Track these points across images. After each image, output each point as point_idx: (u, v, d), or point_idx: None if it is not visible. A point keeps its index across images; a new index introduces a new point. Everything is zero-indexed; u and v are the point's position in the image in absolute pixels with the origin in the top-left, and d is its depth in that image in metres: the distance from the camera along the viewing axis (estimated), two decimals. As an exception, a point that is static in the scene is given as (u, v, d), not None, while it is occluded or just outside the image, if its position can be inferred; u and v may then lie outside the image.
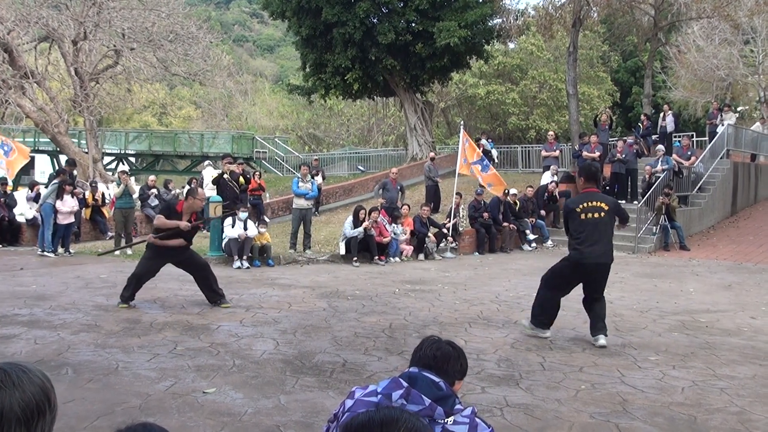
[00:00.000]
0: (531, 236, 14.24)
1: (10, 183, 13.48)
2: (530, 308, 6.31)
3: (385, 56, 20.49)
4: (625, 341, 6.12)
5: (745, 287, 9.73)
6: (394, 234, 12.01)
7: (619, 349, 5.81)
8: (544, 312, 6.08)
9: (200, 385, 4.40)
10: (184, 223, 6.82)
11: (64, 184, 11.07)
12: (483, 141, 17.77)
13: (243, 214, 10.69)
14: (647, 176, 15.08)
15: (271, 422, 3.80)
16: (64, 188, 11.01)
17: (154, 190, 15.15)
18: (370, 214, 11.58)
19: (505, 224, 13.87)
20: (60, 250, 11.27)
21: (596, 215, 5.80)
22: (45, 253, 10.90)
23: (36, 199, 12.76)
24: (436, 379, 2.01)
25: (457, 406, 1.96)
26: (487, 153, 17.47)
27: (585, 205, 5.86)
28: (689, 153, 15.99)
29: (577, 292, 6.23)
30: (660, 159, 15.14)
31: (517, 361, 5.34)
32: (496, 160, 17.94)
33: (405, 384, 1.93)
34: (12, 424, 1.20)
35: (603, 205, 5.88)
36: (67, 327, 5.93)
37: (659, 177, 14.58)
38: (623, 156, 15.48)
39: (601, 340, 5.86)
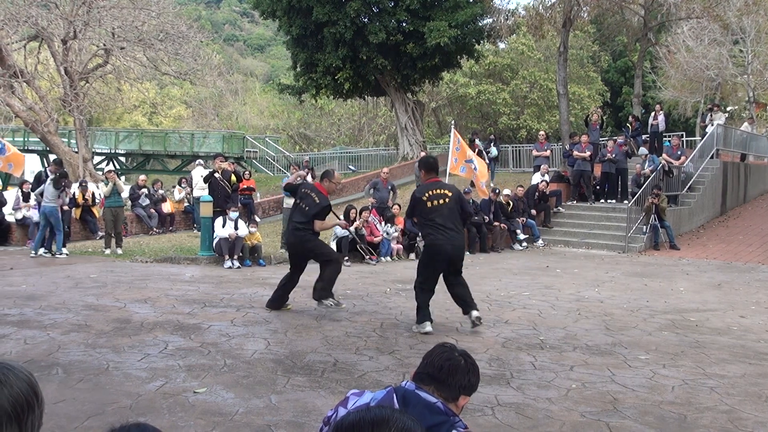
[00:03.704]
0: (522, 236, 14.31)
1: None
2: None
3: (376, 56, 20.52)
4: (616, 340, 6.15)
5: (734, 286, 9.82)
6: (386, 234, 12.03)
7: (610, 348, 5.84)
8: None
9: (191, 385, 4.39)
10: (343, 222, 7.15)
11: (63, 182, 11.01)
12: (477, 141, 17.80)
13: (233, 214, 10.66)
14: (637, 176, 15.19)
15: (262, 422, 3.80)
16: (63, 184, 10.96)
17: (145, 190, 15.15)
18: (360, 213, 11.58)
19: (496, 224, 13.92)
20: (41, 250, 11.06)
21: (441, 201, 6.15)
22: (43, 253, 10.80)
23: (26, 198, 12.72)
24: (432, 400, 1.92)
25: None
26: (480, 153, 17.51)
27: (430, 193, 6.20)
28: (679, 153, 16.11)
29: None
30: (646, 161, 15.28)
31: (508, 360, 5.36)
32: (487, 160, 17.92)
33: (397, 406, 1.86)
34: (3, 421, 1.21)
35: (447, 192, 6.25)
36: (58, 327, 5.89)
37: (649, 177, 14.71)
38: (613, 156, 15.60)
39: (475, 313, 6.20)
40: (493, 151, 18.32)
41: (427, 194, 6.17)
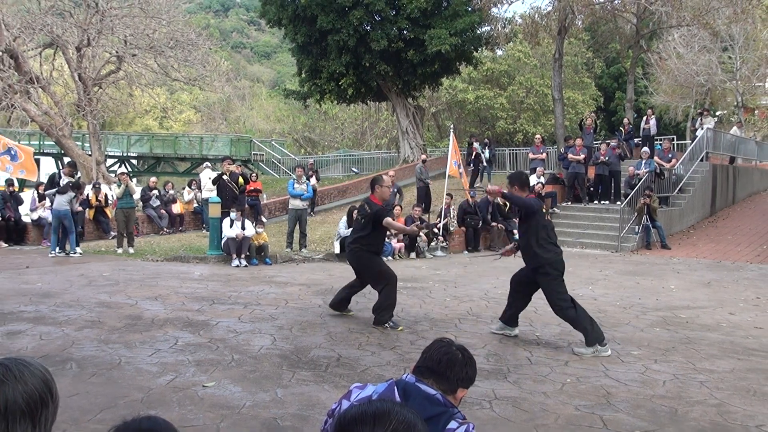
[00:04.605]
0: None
1: (16, 184, 13.61)
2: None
3: (378, 62, 20.76)
4: (609, 336, 6.20)
5: (723, 284, 9.96)
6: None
7: (603, 344, 5.98)
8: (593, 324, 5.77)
9: (200, 379, 4.47)
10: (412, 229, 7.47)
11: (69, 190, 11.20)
12: (475, 144, 18.01)
13: (234, 214, 10.81)
14: (630, 177, 15.40)
15: (268, 414, 3.88)
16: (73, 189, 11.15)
17: (155, 191, 15.35)
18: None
19: (494, 224, 14.12)
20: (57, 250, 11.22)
21: (548, 217, 6.28)
22: (59, 254, 10.97)
23: (42, 199, 12.85)
24: (432, 392, 1.96)
25: (450, 425, 1.88)
26: (478, 156, 17.73)
27: (543, 207, 6.28)
28: (670, 155, 16.32)
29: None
30: (645, 161, 15.49)
31: (505, 355, 5.47)
32: (484, 163, 18.11)
33: (398, 398, 1.92)
34: (17, 416, 1.23)
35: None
36: (72, 323, 6.00)
37: (641, 179, 14.91)
38: (606, 158, 15.81)
39: (516, 330, 6.27)
40: (485, 154, 18.52)
41: (543, 207, 6.23)
